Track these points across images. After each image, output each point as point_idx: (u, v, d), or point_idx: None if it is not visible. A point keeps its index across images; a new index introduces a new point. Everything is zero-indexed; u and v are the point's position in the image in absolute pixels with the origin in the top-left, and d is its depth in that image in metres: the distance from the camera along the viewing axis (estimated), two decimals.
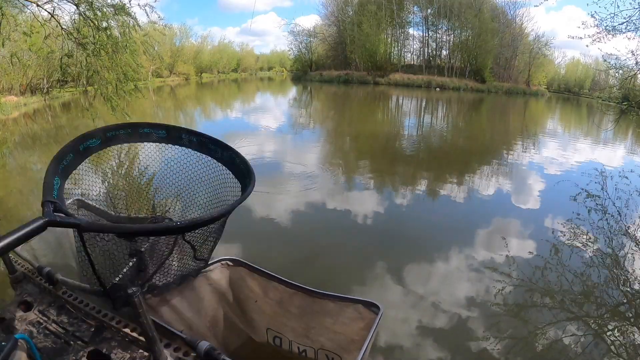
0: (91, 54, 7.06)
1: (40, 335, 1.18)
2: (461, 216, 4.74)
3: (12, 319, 1.24)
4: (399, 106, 21.47)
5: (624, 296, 3.09)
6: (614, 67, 8.63)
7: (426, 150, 9.27)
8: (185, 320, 1.52)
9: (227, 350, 1.69)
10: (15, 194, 5.06)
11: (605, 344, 2.46)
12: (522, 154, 9.14)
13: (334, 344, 1.50)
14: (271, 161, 7.04)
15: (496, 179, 6.60)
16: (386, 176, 6.41)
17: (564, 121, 19.17)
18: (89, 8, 6.84)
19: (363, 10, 36.29)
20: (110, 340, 1.16)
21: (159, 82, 32.66)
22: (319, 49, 42.49)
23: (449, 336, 2.46)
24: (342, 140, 9.80)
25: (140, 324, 0.95)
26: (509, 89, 35.60)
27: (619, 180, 6.92)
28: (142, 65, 8.77)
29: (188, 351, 1.10)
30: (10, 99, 14.39)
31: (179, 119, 14.04)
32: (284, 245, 3.68)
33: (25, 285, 1.42)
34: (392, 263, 3.33)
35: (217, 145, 1.47)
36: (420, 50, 39.06)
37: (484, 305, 2.81)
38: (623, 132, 14.35)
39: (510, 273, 3.30)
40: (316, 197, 4.98)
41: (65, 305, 1.30)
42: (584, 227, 4.48)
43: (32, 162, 6.94)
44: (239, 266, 1.62)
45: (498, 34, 35.01)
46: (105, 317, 1.24)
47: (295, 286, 1.50)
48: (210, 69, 44.52)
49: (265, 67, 59.08)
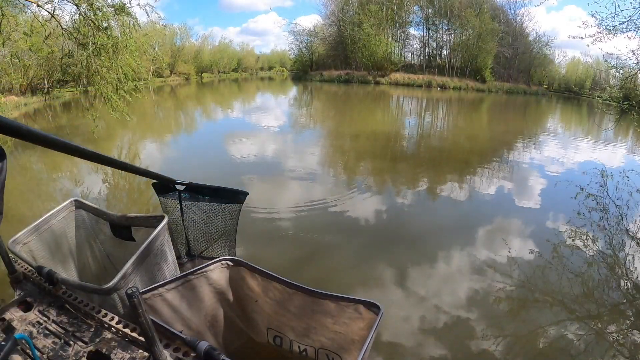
0: (91, 54, 7.07)
1: (40, 335, 1.17)
2: (462, 215, 4.74)
3: (12, 319, 1.24)
4: (399, 106, 21.46)
5: (624, 296, 3.08)
6: (614, 67, 8.62)
7: (427, 150, 9.26)
8: (185, 320, 1.51)
9: (226, 350, 1.69)
10: (16, 194, 5.07)
11: (605, 344, 2.46)
12: (522, 153, 9.13)
13: (335, 344, 1.50)
14: (271, 161, 7.04)
15: (497, 178, 6.59)
16: (386, 175, 6.41)
17: (564, 121, 19.15)
18: (90, 8, 6.84)
19: (363, 9, 36.28)
20: (110, 340, 1.16)
21: (159, 82, 32.68)
22: (320, 49, 42.48)
23: (449, 336, 2.46)
24: (343, 140, 9.80)
25: (140, 324, 0.95)
26: (510, 88, 35.58)
27: (619, 179, 6.91)
28: (142, 65, 8.77)
29: (188, 351, 1.10)
30: (10, 99, 14.41)
31: (179, 119, 14.05)
32: (284, 244, 3.67)
33: (25, 285, 1.42)
34: (393, 262, 3.33)
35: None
36: (421, 50, 39.08)
37: (484, 305, 2.81)
38: (624, 131, 14.34)
39: (510, 273, 3.29)
40: (317, 196, 4.98)
41: (65, 305, 1.30)
42: (584, 226, 4.48)
43: (32, 162, 6.94)
44: (238, 266, 1.62)
45: (498, 34, 34.98)
46: (105, 317, 1.24)
47: (296, 286, 1.50)
48: (211, 69, 44.53)
49: (266, 66, 59.09)
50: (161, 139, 9.71)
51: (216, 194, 2.22)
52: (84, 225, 1.97)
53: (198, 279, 1.55)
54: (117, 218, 1.84)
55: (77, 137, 8.77)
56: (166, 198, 2.26)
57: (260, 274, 1.57)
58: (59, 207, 1.88)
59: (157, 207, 4.76)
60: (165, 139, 9.85)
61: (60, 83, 18.64)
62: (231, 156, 7.43)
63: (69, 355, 1.11)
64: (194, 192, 2.21)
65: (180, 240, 2.32)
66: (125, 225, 1.83)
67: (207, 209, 2.24)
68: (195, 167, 6.12)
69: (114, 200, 4.91)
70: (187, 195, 2.21)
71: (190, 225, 2.29)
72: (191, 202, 2.23)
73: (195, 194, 2.21)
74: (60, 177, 6.05)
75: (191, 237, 2.32)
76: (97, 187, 5.27)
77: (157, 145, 8.93)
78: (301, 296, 1.50)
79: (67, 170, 6.40)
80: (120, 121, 8.76)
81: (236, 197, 2.24)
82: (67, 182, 5.68)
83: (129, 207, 4.68)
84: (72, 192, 5.16)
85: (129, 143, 9.06)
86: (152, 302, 1.39)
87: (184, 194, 2.21)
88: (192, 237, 2.33)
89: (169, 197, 2.25)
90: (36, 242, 1.72)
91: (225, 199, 2.24)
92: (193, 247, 2.34)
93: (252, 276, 1.60)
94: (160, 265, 1.64)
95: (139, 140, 9.55)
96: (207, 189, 2.20)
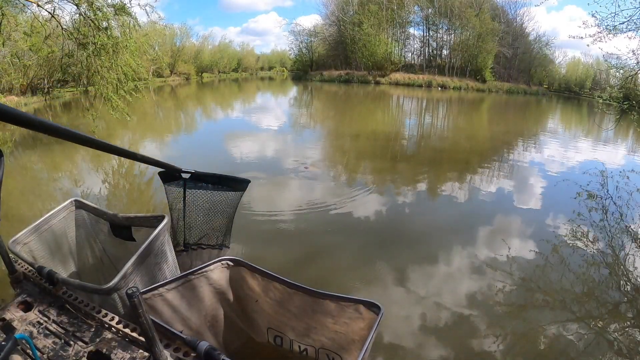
0: (91, 54, 7.07)
1: (41, 335, 1.17)
2: (462, 215, 4.74)
3: (12, 319, 1.24)
4: (399, 106, 21.46)
5: (624, 296, 3.08)
6: (614, 67, 8.61)
7: (427, 150, 9.26)
8: (185, 320, 1.51)
9: (227, 350, 1.69)
10: (16, 194, 5.07)
11: (605, 344, 2.46)
12: (523, 153, 9.13)
13: (335, 344, 1.50)
14: (272, 160, 7.04)
15: (497, 178, 6.59)
16: (387, 175, 6.41)
17: (564, 121, 19.15)
18: (90, 8, 6.84)
19: (364, 9, 36.26)
20: (110, 340, 1.16)
21: (159, 82, 32.68)
22: (320, 49, 42.46)
23: (450, 336, 2.46)
24: (343, 140, 9.80)
25: (140, 324, 0.95)
26: (510, 88, 35.58)
27: (619, 179, 6.91)
28: (142, 65, 8.77)
29: (188, 351, 1.10)
30: (10, 99, 14.41)
31: (180, 118, 14.05)
32: (283, 244, 3.67)
33: (25, 285, 1.42)
34: (393, 262, 3.33)
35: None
36: (421, 50, 39.06)
37: (485, 305, 2.81)
38: (624, 131, 14.33)
39: (511, 272, 3.29)
40: (317, 195, 4.98)
41: (66, 306, 1.30)
42: (584, 226, 4.48)
43: (32, 162, 6.94)
44: (239, 266, 1.62)
45: (499, 34, 34.97)
46: (105, 317, 1.24)
47: (296, 286, 1.50)
48: (211, 69, 44.52)
49: (266, 66, 59.08)
50: (161, 139, 9.71)
51: (220, 181, 2.33)
52: (84, 225, 1.97)
53: (198, 279, 1.55)
54: (117, 218, 1.84)
55: None
56: (171, 186, 2.36)
57: (261, 274, 1.57)
58: (59, 207, 1.88)
59: (158, 206, 4.76)
60: (165, 138, 9.85)
61: (60, 83, 18.64)
62: (231, 156, 7.43)
63: (70, 355, 1.11)
64: (199, 181, 2.31)
65: (182, 227, 2.41)
66: (126, 225, 1.83)
67: (210, 196, 2.34)
68: (195, 167, 6.07)
69: (114, 200, 4.91)
70: (191, 183, 2.32)
71: (194, 212, 2.39)
72: (196, 190, 2.34)
73: (199, 182, 2.32)
74: (61, 177, 6.05)
75: (194, 224, 2.42)
76: (97, 187, 5.27)
77: (157, 145, 8.94)
78: (301, 296, 1.50)
79: (67, 170, 6.40)
80: (120, 121, 8.77)
81: (239, 185, 2.35)
82: (67, 182, 5.68)
83: (129, 207, 4.68)
84: (72, 192, 5.16)
85: (129, 143, 9.06)
86: (153, 302, 1.39)
87: (189, 182, 2.32)
88: (195, 224, 2.42)
89: (174, 185, 2.34)
90: (36, 242, 1.72)
91: (229, 187, 2.35)
92: (196, 234, 2.44)
93: (253, 276, 1.60)
94: (160, 265, 1.64)
95: (139, 139, 9.56)
96: (212, 177, 2.30)
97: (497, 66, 36.23)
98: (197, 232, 2.41)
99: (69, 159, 6.74)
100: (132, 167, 6.15)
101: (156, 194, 5.04)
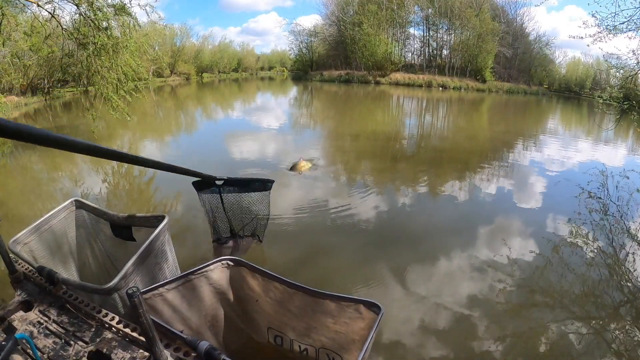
0: (91, 54, 7.07)
1: (41, 335, 1.18)
2: (462, 215, 4.73)
3: (12, 319, 1.24)
4: (399, 106, 21.45)
5: (624, 296, 3.08)
6: (614, 67, 8.61)
7: (427, 150, 9.25)
8: (186, 320, 1.51)
9: (227, 350, 1.69)
10: (16, 194, 5.07)
11: (605, 344, 2.45)
12: (523, 153, 9.12)
13: (335, 343, 1.50)
14: (272, 160, 7.04)
15: (497, 178, 6.59)
16: (387, 175, 6.40)
17: (564, 121, 19.14)
18: (90, 8, 6.84)
19: (364, 9, 36.24)
20: (111, 340, 1.16)
21: (159, 82, 32.69)
22: (320, 49, 42.45)
23: (450, 336, 2.46)
24: (343, 140, 9.79)
25: (140, 324, 0.95)
26: (510, 88, 35.56)
27: (619, 179, 6.91)
28: (142, 65, 8.78)
29: (188, 351, 1.10)
30: (10, 99, 14.41)
31: (180, 118, 14.05)
32: (283, 243, 3.67)
33: (25, 285, 1.42)
34: (393, 262, 3.33)
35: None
36: (421, 50, 39.04)
37: (485, 305, 2.81)
38: (624, 131, 14.33)
39: (511, 272, 3.29)
40: (316, 196, 4.98)
41: (66, 305, 1.30)
42: (585, 226, 4.47)
43: (32, 162, 6.94)
44: (239, 266, 1.62)
45: (499, 34, 34.96)
46: (105, 317, 1.24)
47: (296, 286, 1.50)
48: (211, 69, 44.54)
49: (266, 66, 59.08)
50: (161, 139, 9.71)
51: (249, 184, 2.82)
52: (84, 225, 1.97)
53: (198, 278, 1.55)
54: (117, 218, 1.84)
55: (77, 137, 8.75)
56: (205, 193, 2.80)
57: (261, 274, 1.57)
58: (59, 207, 1.88)
59: (158, 206, 4.76)
60: (165, 138, 9.85)
61: (60, 83, 18.67)
62: (231, 156, 7.43)
63: (70, 355, 1.11)
64: (231, 185, 2.78)
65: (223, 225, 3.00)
66: (126, 225, 1.83)
67: (241, 198, 2.85)
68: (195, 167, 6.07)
69: (115, 200, 4.91)
70: (226, 187, 2.78)
71: (229, 211, 2.90)
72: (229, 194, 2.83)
73: (232, 187, 2.80)
74: (61, 177, 6.04)
75: (232, 221, 3.00)
76: (97, 187, 5.27)
77: (157, 145, 8.94)
78: (302, 296, 1.50)
79: (67, 170, 6.40)
80: (120, 121, 8.77)
81: (265, 185, 2.86)
82: (68, 182, 5.68)
83: (129, 207, 4.68)
84: (73, 192, 5.16)
85: (129, 143, 9.06)
86: (153, 302, 1.39)
87: (223, 187, 2.77)
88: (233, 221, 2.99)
89: (209, 191, 2.80)
90: (37, 242, 1.72)
91: (256, 188, 2.84)
92: (234, 229, 3.05)
93: (253, 276, 1.60)
94: (160, 265, 1.64)
95: (139, 139, 9.55)
96: (242, 181, 2.79)
97: (497, 66, 36.21)
98: (236, 227, 3.00)
99: (69, 159, 6.74)
100: (132, 167, 6.14)
101: (156, 193, 5.04)
